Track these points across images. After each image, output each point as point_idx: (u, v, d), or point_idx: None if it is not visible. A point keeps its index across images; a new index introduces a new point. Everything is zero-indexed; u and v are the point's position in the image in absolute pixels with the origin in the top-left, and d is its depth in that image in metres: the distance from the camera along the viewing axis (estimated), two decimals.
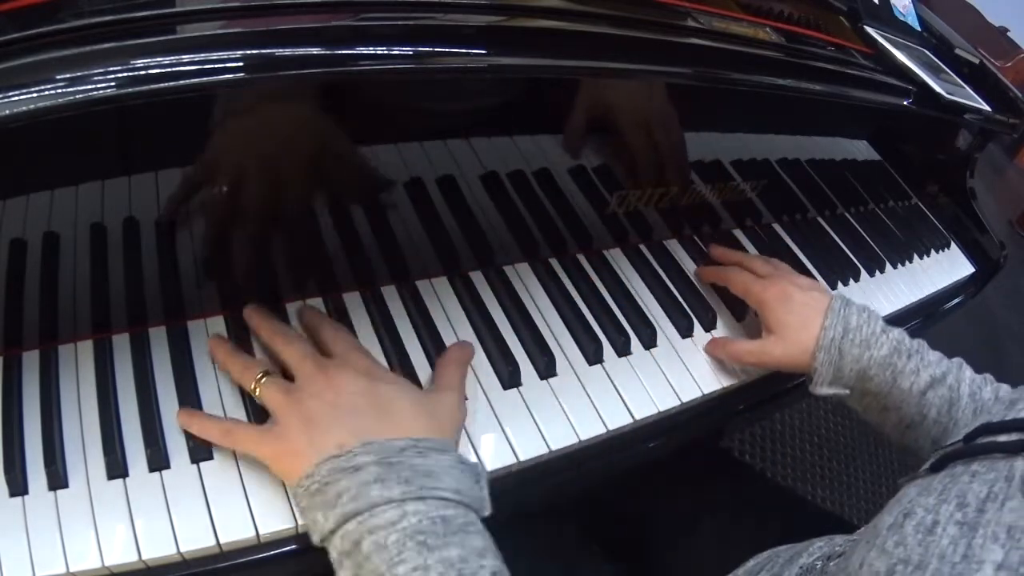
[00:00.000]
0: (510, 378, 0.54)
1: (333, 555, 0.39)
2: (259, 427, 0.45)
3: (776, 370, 0.62)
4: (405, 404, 0.45)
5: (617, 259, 0.67)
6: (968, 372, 0.59)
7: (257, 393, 0.45)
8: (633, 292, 0.65)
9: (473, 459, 0.48)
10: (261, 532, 0.42)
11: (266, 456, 0.43)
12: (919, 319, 0.84)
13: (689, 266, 0.70)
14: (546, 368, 0.55)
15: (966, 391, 0.57)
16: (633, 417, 0.55)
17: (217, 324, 0.51)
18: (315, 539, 0.40)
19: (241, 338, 0.50)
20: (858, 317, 0.58)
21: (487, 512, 0.42)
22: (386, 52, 0.40)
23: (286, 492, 0.44)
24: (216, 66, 0.35)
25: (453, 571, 0.36)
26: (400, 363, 0.52)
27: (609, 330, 0.60)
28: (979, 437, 0.39)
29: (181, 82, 0.34)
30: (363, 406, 0.43)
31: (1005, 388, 0.60)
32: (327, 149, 0.48)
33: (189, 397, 0.47)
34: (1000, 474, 0.35)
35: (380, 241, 0.54)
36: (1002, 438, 0.37)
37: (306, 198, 0.50)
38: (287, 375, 0.47)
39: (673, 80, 0.55)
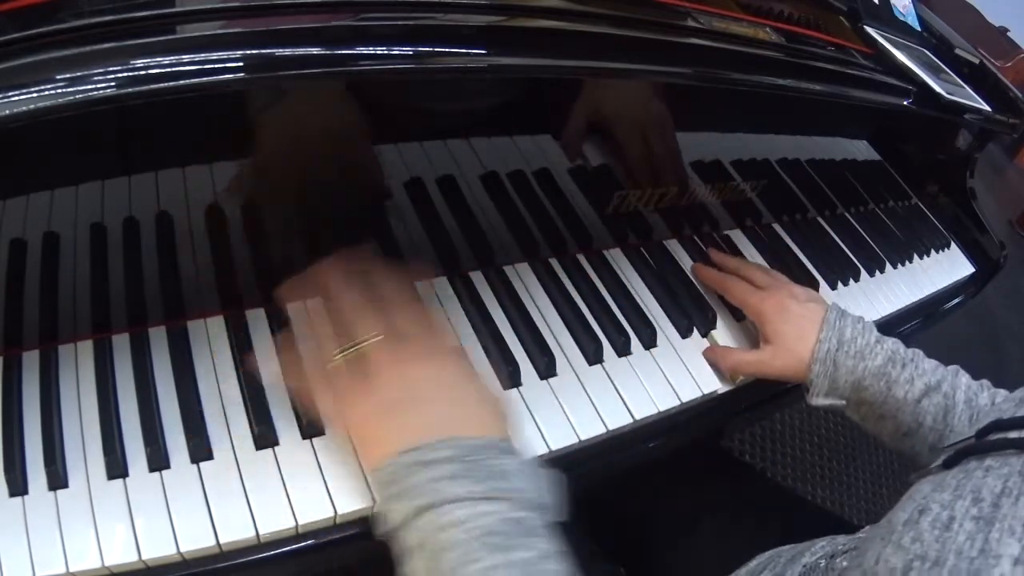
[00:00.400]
0: (510, 378, 0.54)
1: (400, 547, 0.39)
2: (333, 397, 0.45)
3: (774, 379, 0.62)
4: (481, 399, 0.45)
5: (617, 259, 0.67)
6: (964, 379, 0.60)
7: (331, 368, 0.45)
8: (633, 292, 0.65)
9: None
10: (261, 532, 0.42)
11: (352, 434, 0.44)
12: (919, 319, 0.84)
13: (689, 266, 0.70)
14: (546, 368, 0.55)
15: (961, 398, 0.58)
16: (633, 417, 0.55)
17: (217, 324, 0.51)
18: (383, 529, 0.40)
19: (242, 339, 0.50)
20: (852, 329, 0.59)
21: (559, 516, 0.41)
22: (386, 52, 0.40)
23: (286, 492, 0.44)
24: (216, 66, 0.35)
25: (522, 574, 0.37)
26: None
27: (609, 330, 0.60)
28: (990, 434, 0.39)
29: (181, 82, 0.34)
30: (439, 397, 0.44)
31: (1002, 393, 0.60)
32: (328, 149, 0.48)
33: (189, 397, 0.47)
34: (1014, 469, 0.35)
35: (380, 241, 0.54)
36: (1013, 434, 0.38)
37: (306, 198, 0.50)
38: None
39: (673, 80, 0.55)
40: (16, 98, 0.31)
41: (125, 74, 0.33)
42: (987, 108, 0.79)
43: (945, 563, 0.32)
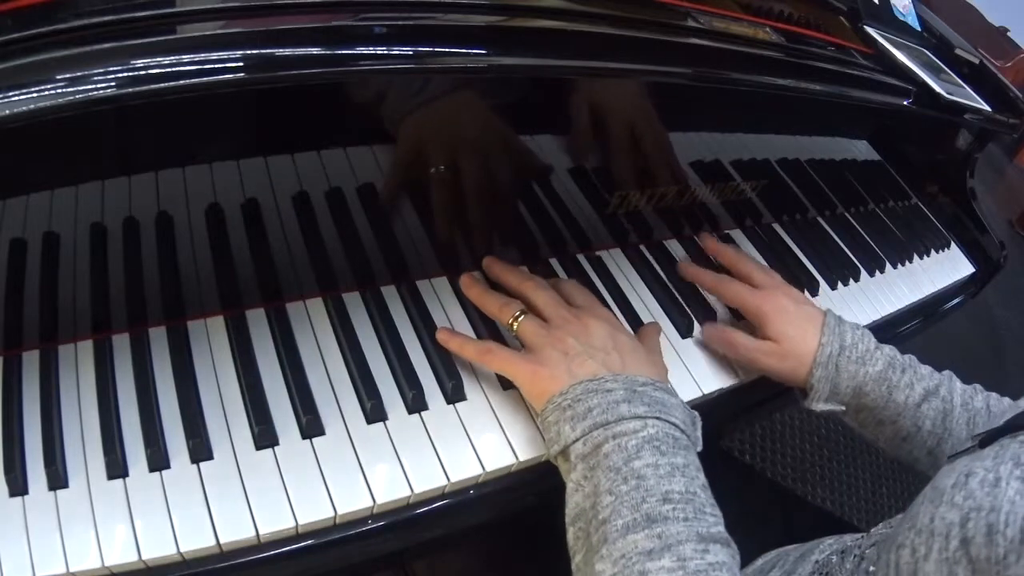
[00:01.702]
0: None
1: (569, 460, 0.46)
2: (517, 352, 0.52)
3: (769, 376, 0.61)
4: (641, 354, 0.52)
5: (617, 259, 0.67)
6: (958, 383, 0.61)
7: (515, 327, 0.53)
8: (632, 292, 0.65)
9: (472, 456, 0.50)
10: (261, 532, 0.42)
11: (524, 375, 0.50)
12: (919, 319, 0.84)
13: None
14: None
15: (958, 401, 0.59)
16: None
17: (217, 324, 0.51)
18: (555, 449, 0.46)
19: (242, 338, 0.50)
20: (852, 334, 0.59)
21: (700, 448, 0.49)
22: (386, 52, 0.40)
23: (286, 492, 0.44)
24: (216, 66, 0.35)
25: (678, 472, 0.44)
26: (400, 363, 0.52)
27: None
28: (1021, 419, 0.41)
29: (181, 82, 0.34)
30: (610, 347, 0.51)
31: (995, 396, 0.61)
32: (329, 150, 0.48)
33: (189, 397, 0.47)
34: None
35: (380, 241, 0.54)
36: None
37: (306, 198, 0.50)
38: None
39: (673, 80, 0.55)
40: (16, 98, 0.31)
41: (125, 74, 0.33)
42: (987, 108, 0.79)
43: (1001, 509, 0.34)
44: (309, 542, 0.44)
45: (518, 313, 0.53)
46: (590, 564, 0.42)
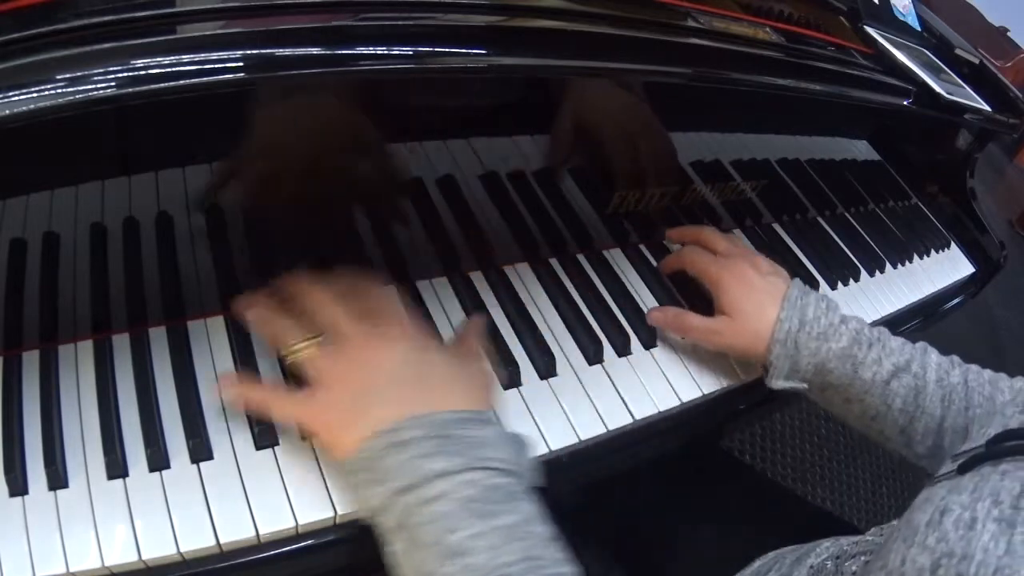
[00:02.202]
0: (510, 378, 0.54)
1: (383, 530, 0.39)
2: (300, 397, 0.44)
3: (726, 353, 0.60)
4: (448, 374, 0.44)
5: (617, 259, 0.67)
6: (934, 356, 0.57)
7: (292, 359, 0.44)
8: (633, 292, 0.65)
9: None
10: (261, 532, 0.42)
11: (309, 426, 0.43)
12: (919, 319, 0.84)
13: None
14: (546, 368, 0.55)
15: (932, 377, 0.56)
16: (633, 417, 0.55)
17: (217, 324, 0.51)
18: (364, 515, 0.40)
19: (242, 338, 0.50)
20: (815, 308, 0.55)
21: (537, 481, 0.42)
22: (386, 52, 0.40)
23: (286, 492, 0.44)
24: (216, 66, 0.35)
25: (509, 537, 0.37)
26: None
27: (609, 330, 0.60)
28: (1003, 441, 0.39)
29: (181, 82, 0.34)
30: (409, 376, 0.43)
31: (974, 370, 0.58)
32: (328, 149, 0.48)
33: (189, 397, 0.47)
34: None
35: (380, 241, 0.54)
36: None
37: (306, 198, 0.50)
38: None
39: (673, 80, 0.55)
40: (16, 98, 0.31)
41: (125, 74, 0.33)
42: (987, 108, 0.79)
43: (973, 558, 0.32)
44: (309, 542, 0.44)
45: (297, 342, 0.44)
46: None
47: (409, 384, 0.43)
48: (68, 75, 0.32)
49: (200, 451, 0.44)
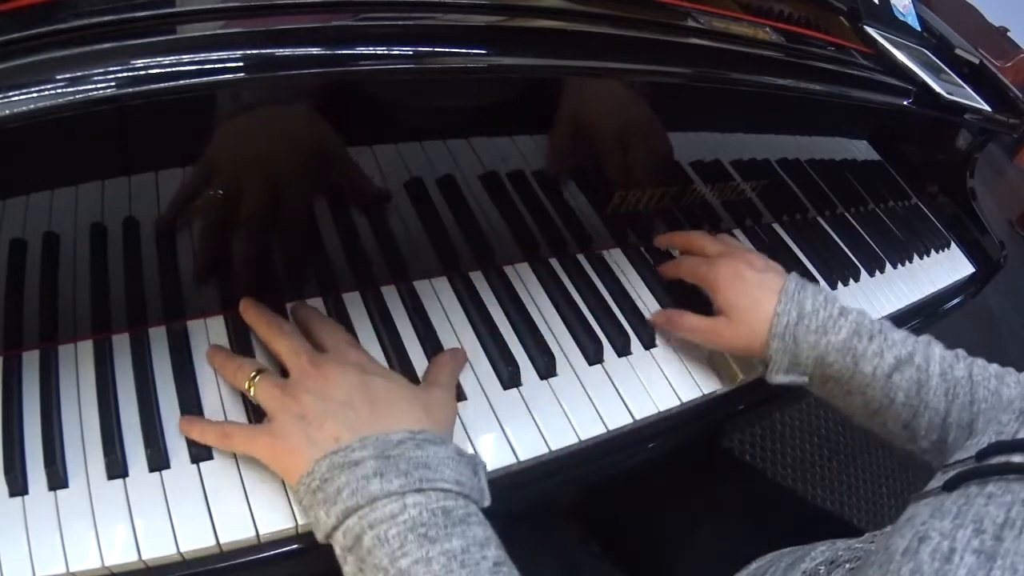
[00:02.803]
0: (510, 378, 0.54)
1: (337, 551, 0.39)
2: (255, 427, 0.45)
3: (728, 352, 0.60)
4: (399, 397, 0.45)
5: (617, 259, 0.67)
6: (938, 349, 0.56)
7: (252, 393, 0.45)
8: (633, 292, 0.65)
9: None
10: (261, 532, 0.42)
11: (264, 455, 0.43)
12: (919, 319, 0.84)
13: None
14: (546, 368, 0.55)
15: (936, 370, 0.55)
16: (633, 417, 0.55)
17: (217, 324, 0.51)
18: (319, 536, 0.40)
19: (242, 339, 0.50)
20: (814, 300, 0.55)
21: (487, 503, 0.42)
22: (386, 52, 0.40)
23: (286, 492, 0.44)
24: (216, 66, 0.35)
25: (455, 563, 0.37)
26: (400, 363, 0.52)
27: (609, 330, 0.60)
28: (992, 456, 0.38)
29: (181, 82, 0.34)
30: (358, 400, 0.43)
31: (979, 363, 0.57)
32: (326, 149, 0.48)
33: (189, 397, 0.47)
34: (1016, 497, 0.33)
35: (380, 241, 0.54)
36: (1016, 458, 0.36)
37: (306, 198, 0.50)
38: (285, 373, 0.47)
39: (673, 80, 0.55)
40: (16, 98, 0.31)
41: (125, 74, 0.33)
42: (987, 108, 0.79)
43: None
44: (309, 542, 0.44)
45: (253, 375, 0.45)
46: None
47: (361, 408, 0.43)
48: (68, 75, 0.32)
49: (200, 451, 0.44)
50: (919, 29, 0.86)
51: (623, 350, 0.59)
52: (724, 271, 0.59)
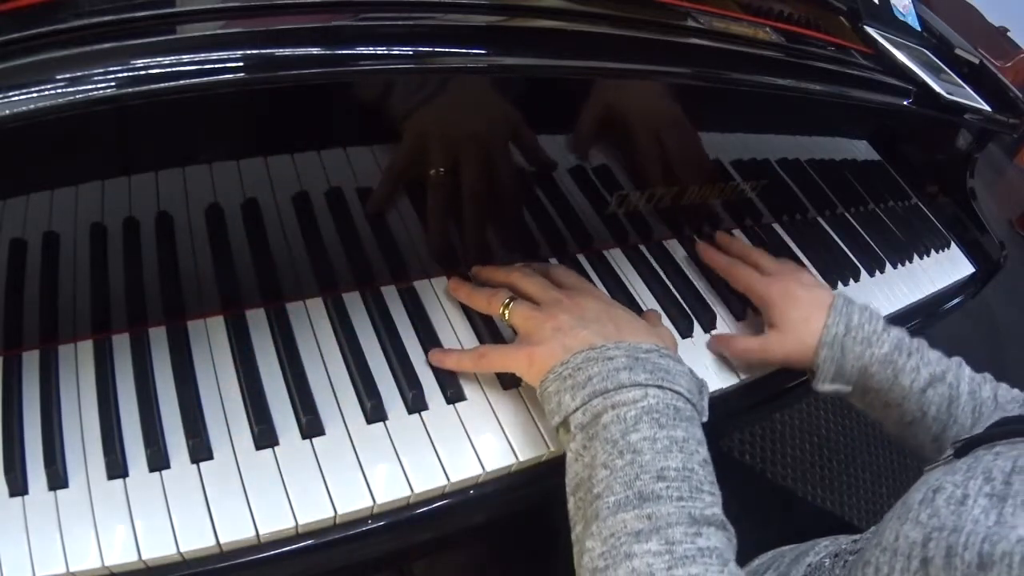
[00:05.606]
0: (511, 377, 0.54)
1: (569, 430, 0.45)
2: (507, 345, 0.52)
3: (779, 366, 0.62)
4: (639, 324, 0.52)
5: (617, 259, 0.67)
6: (967, 371, 0.60)
7: (507, 316, 0.52)
8: (633, 292, 0.65)
9: (472, 455, 0.49)
10: (261, 532, 0.42)
11: (521, 361, 0.49)
12: (919, 319, 0.84)
13: (689, 266, 0.70)
14: None
15: (965, 389, 0.58)
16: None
17: (217, 324, 0.51)
18: (555, 421, 0.46)
19: (242, 339, 0.50)
20: (860, 315, 0.59)
21: (705, 418, 0.48)
22: (386, 52, 0.40)
23: (286, 491, 0.44)
24: (216, 66, 0.35)
25: (676, 447, 0.42)
26: (400, 362, 0.52)
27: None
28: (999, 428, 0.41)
29: (181, 82, 0.34)
30: (606, 319, 0.50)
31: (1004, 387, 0.60)
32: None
33: (189, 397, 0.47)
34: (1022, 450, 0.36)
35: (380, 241, 0.54)
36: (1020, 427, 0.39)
37: (306, 198, 0.50)
38: None
39: (673, 80, 0.55)
40: (16, 98, 0.31)
41: (125, 74, 0.33)
42: (987, 108, 0.79)
43: (963, 529, 0.33)
44: (309, 542, 0.44)
45: (507, 300, 0.53)
46: (583, 539, 0.42)
47: (608, 325, 0.50)
48: (68, 75, 0.32)
49: (200, 451, 0.44)
50: (919, 29, 0.86)
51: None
52: (776, 288, 0.62)
